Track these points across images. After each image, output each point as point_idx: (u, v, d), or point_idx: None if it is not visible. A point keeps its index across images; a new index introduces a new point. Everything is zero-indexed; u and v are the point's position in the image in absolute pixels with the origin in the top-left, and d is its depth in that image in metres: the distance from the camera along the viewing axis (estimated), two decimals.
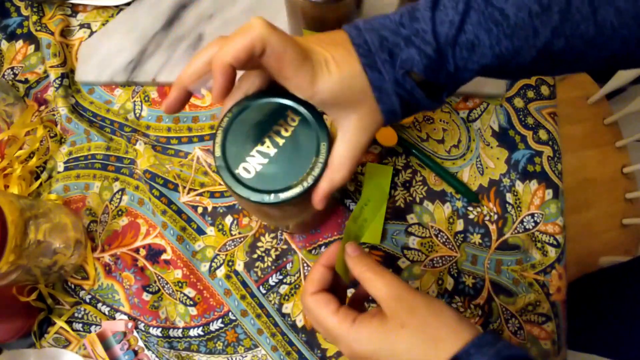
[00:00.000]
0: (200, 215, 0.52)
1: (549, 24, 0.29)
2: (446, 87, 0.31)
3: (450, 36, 0.29)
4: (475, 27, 0.29)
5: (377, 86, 0.30)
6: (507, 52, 0.30)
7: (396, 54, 0.30)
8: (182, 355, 0.51)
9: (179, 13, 0.57)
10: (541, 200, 0.51)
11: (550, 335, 0.49)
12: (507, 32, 0.29)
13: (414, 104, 0.31)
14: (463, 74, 0.31)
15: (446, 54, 0.30)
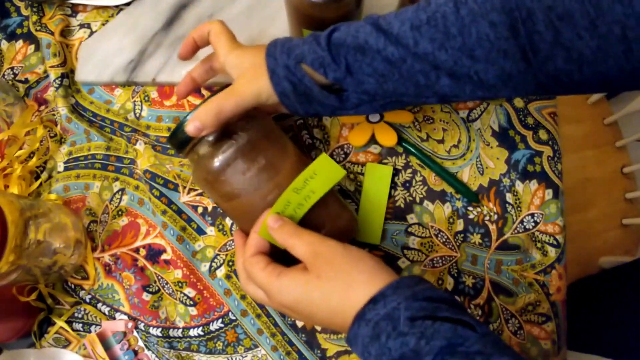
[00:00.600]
0: (200, 215, 0.52)
1: (427, 35, 0.33)
2: (347, 87, 0.36)
3: (342, 39, 0.35)
4: (366, 35, 0.35)
5: (270, 69, 0.37)
6: (393, 58, 0.34)
7: (293, 50, 0.37)
8: (182, 355, 0.51)
9: (179, 13, 0.57)
10: (541, 200, 0.51)
11: (550, 335, 0.49)
12: (392, 39, 0.34)
13: (310, 94, 0.37)
14: (362, 77, 0.35)
15: (337, 52, 0.35)
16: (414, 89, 0.35)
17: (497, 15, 0.30)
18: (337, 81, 0.36)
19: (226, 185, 0.41)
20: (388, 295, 0.31)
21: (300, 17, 0.45)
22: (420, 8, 0.34)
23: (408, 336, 0.29)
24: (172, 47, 0.56)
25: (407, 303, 0.30)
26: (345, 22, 0.38)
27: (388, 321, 0.30)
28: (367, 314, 0.31)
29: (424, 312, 0.30)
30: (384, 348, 0.30)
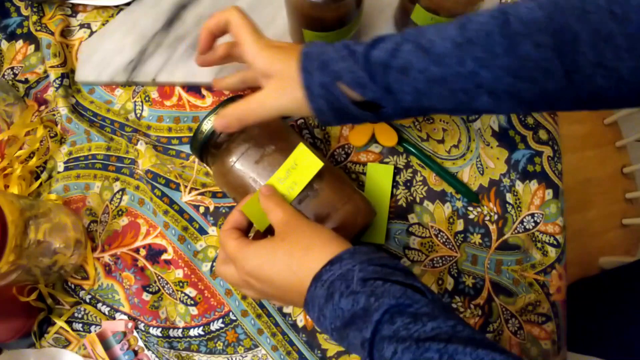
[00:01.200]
0: (202, 215, 0.52)
1: (471, 54, 0.33)
2: (385, 104, 0.36)
3: (383, 59, 0.35)
4: (407, 53, 0.34)
5: (306, 85, 0.36)
6: (435, 77, 0.34)
7: (329, 65, 0.36)
8: (182, 355, 0.51)
9: (179, 13, 0.57)
10: (541, 200, 0.51)
11: (550, 335, 0.49)
12: (435, 58, 0.33)
13: (345, 111, 0.37)
14: (401, 96, 0.35)
15: (375, 73, 0.35)
16: (451, 105, 0.36)
17: (543, 36, 0.31)
18: (375, 101, 0.36)
19: (241, 176, 0.43)
20: (344, 259, 0.33)
21: (300, 17, 0.45)
22: (463, 26, 0.34)
23: (359, 294, 0.31)
24: (172, 47, 0.56)
25: (361, 266, 0.32)
26: (381, 35, 0.36)
27: (342, 281, 0.32)
28: (324, 275, 0.33)
29: (377, 275, 0.32)
30: (337, 309, 0.32)
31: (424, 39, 0.34)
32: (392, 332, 0.29)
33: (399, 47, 0.35)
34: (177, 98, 0.56)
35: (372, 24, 0.55)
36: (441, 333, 0.28)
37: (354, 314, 0.31)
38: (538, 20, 0.31)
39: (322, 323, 0.33)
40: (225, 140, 0.44)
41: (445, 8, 0.44)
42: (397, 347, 0.28)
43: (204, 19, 0.56)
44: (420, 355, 0.28)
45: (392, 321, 0.29)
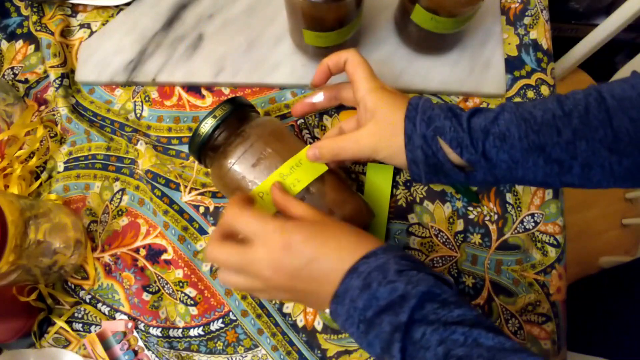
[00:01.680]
0: (202, 215, 0.52)
1: (570, 125, 0.35)
2: (477, 168, 0.37)
3: (483, 125, 0.37)
4: (507, 122, 0.36)
5: (408, 134, 0.38)
6: (533, 146, 0.35)
7: (434, 120, 0.38)
8: (182, 355, 0.51)
9: (179, 13, 0.57)
10: (541, 200, 0.51)
11: (550, 335, 0.49)
12: (535, 128, 0.35)
13: (440, 168, 0.38)
14: (497, 163, 0.37)
15: (476, 136, 0.37)
16: (542, 177, 0.37)
17: (637, 112, 0.34)
18: (470, 163, 0.37)
19: (238, 179, 0.43)
20: (379, 254, 0.34)
21: (300, 17, 0.45)
22: (560, 101, 0.36)
23: (397, 282, 0.32)
24: (172, 47, 0.56)
25: (395, 259, 0.34)
26: (479, 107, 0.39)
27: (379, 271, 0.33)
28: (360, 267, 0.34)
29: (410, 267, 0.34)
30: (372, 299, 0.32)
31: (523, 110, 0.37)
32: (421, 316, 0.31)
33: (499, 116, 0.37)
34: (177, 98, 0.56)
35: (372, 24, 0.55)
36: (466, 319, 0.30)
37: (391, 301, 0.32)
38: (632, 98, 0.34)
39: (350, 316, 0.34)
40: (222, 143, 0.44)
41: (445, 8, 0.44)
42: (426, 330, 0.30)
43: (204, 19, 0.57)
44: (447, 336, 0.30)
45: (422, 307, 0.31)
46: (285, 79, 0.54)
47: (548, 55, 0.54)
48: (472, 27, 0.54)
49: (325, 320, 0.50)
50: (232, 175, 0.43)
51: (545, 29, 0.55)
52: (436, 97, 0.53)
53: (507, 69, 0.53)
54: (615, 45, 1.02)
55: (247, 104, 0.47)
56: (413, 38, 0.52)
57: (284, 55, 0.55)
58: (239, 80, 0.55)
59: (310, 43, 0.49)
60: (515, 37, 0.55)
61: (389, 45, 0.54)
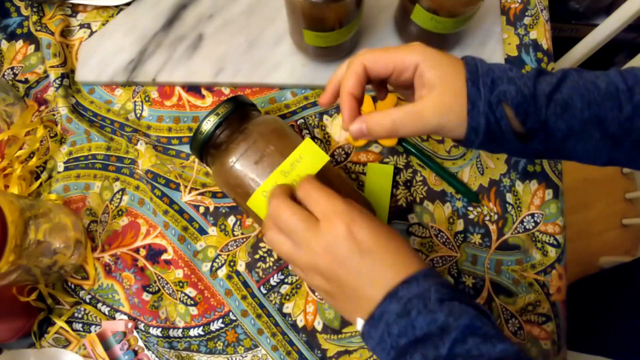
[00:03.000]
0: (202, 215, 0.52)
1: (631, 101, 0.33)
2: (535, 136, 0.35)
3: (547, 91, 0.34)
4: (570, 90, 0.34)
5: (472, 100, 0.34)
6: (594, 118, 0.34)
7: (497, 84, 0.34)
8: (182, 355, 0.51)
9: (179, 13, 0.57)
10: (541, 200, 0.51)
11: (550, 335, 0.49)
12: (598, 99, 0.33)
13: (499, 136, 0.35)
14: (553, 131, 0.34)
15: (540, 103, 0.34)
16: (592, 151, 0.35)
17: None
18: (531, 131, 0.35)
19: (240, 177, 0.43)
20: (420, 279, 0.32)
21: (300, 17, 0.45)
22: (624, 74, 0.34)
23: (437, 313, 0.31)
24: (172, 47, 0.56)
25: (436, 287, 0.32)
26: (540, 68, 0.36)
27: (419, 299, 0.31)
28: (400, 292, 0.32)
29: (450, 296, 0.32)
30: (409, 326, 0.31)
31: (587, 80, 0.34)
32: (464, 350, 0.30)
33: (562, 82, 0.34)
34: (177, 98, 0.56)
35: (372, 24, 0.55)
36: (508, 355, 0.29)
37: (430, 332, 0.31)
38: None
39: (382, 341, 0.32)
40: (224, 141, 0.44)
41: (445, 8, 0.44)
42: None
43: (204, 19, 0.57)
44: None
45: (464, 341, 0.30)
46: (285, 79, 0.54)
47: (548, 55, 0.54)
48: (472, 27, 0.54)
49: (325, 321, 0.50)
50: (234, 173, 0.43)
51: (545, 29, 0.55)
52: None
53: None
54: (615, 45, 1.02)
55: (248, 103, 0.47)
56: (413, 38, 0.52)
57: (284, 55, 0.55)
58: (239, 80, 0.55)
59: (310, 43, 0.49)
60: (515, 37, 0.55)
61: (389, 45, 0.54)
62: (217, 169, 0.45)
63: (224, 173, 0.44)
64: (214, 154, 0.45)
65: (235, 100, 0.45)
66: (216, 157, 0.45)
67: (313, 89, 0.55)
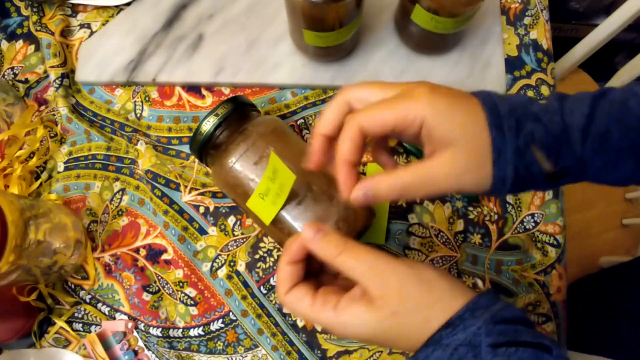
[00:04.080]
0: (202, 215, 0.52)
1: None
2: (568, 173, 0.30)
3: (581, 124, 0.29)
4: (605, 120, 0.29)
5: (497, 147, 0.29)
6: (632, 146, 0.30)
7: (522, 123, 0.29)
8: (182, 355, 0.51)
9: (179, 13, 0.57)
10: (541, 200, 0.51)
11: (550, 336, 0.49)
12: (634, 125, 0.29)
13: (528, 181, 0.30)
14: (589, 166, 0.30)
15: (574, 139, 0.29)
16: (622, 178, 0.32)
17: None
18: (564, 170, 0.30)
19: (240, 177, 0.43)
20: (466, 319, 0.28)
21: (300, 17, 0.45)
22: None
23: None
24: (172, 47, 0.56)
25: (487, 327, 0.27)
26: (561, 93, 0.31)
27: (468, 347, 0.27)
28: (444, 339, 0.28)
29: (505, 338, 0.27)
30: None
31: (621, 106, 0.30)
32: None
33: (594, 111, 0.30)
34: (177, 98, 0.56)
35: (372, 24, 0.55)
36: None
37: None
38: None
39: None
40: (224, 142, 0.44)
41: (445, 8, 0.44)
42: None
43: (204, 19, 0.57)
44: None
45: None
46: (285, 79, 0.54)
47: (548, 55, 0.54)
48: (472, 27, 0.54)
49: None
50: (233, 173, 0.43)
51: (545, 29, 0.55)
52: None
53: (507, 69, 0.53)
54: (615, 45, 1.02)
55: (248, 103, 0.47)
56: (413, 38, 0.52)
57: (284, 55, 0.55)
58: (239, 80, 0.55)
59: (310, 43, 0.49)
60: (516, 37, 0.55)
61: (389, 45, 0.54)
62: (217, 169, 0.45)
63: (224, 173, 0.44)
64: (214, 154, 0.45)
65: (234, 100, 0.45)
66: (216, 157, 0.45)
67: (313, 89, 0.55)
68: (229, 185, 0.44)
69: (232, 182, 0.44)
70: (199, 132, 0.44)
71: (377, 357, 0.49)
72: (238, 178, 0.43)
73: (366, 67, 0.53)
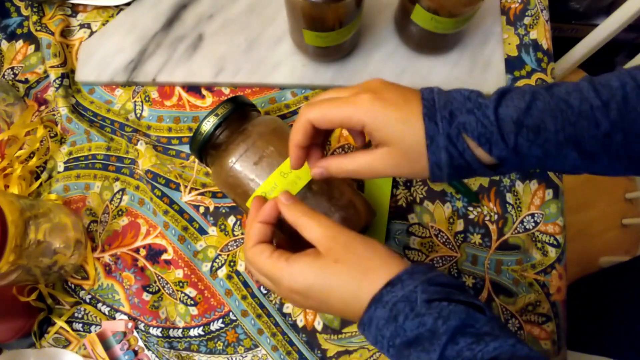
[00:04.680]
0: (202, 215, 0.52)
1: (608, 117, 0.32)
2: (506, 163, 0.34)
3: (515, 117, 0.32)
4: (541, 112, 0.32)
5: (430, 135, 0.33)
6: (570, 138, 0.32)
7: (456, 115, 0.33)
8: (182, 355, 0.51)
9: (179, 13, 0.57)
10: (541, 200, 0.51)
11: (550, 336, 0.49)
12: (572, 119, 0.32)
13: (465, 167, 0.34)
14: (527, 158, 0.33)
15: (507, 130, 0.32)
16: (570, 167, 0.34)
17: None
18: (499, 159, 0.34)
19: (240, 177, 0.43)
20: (404, 280, 0.32)
21: (300, 17, 0.45)
22: (596, 87, 0.33)
23: (425, 316, 0.30)
24: (172, 47, 0.56)
25: (423, 287, 0.31)
26: (503, 88, 0.34)
27: (405, 302, 0.31)
28: (385, 297, 0.31)
29: (439, 295, 0.31)
30: (400, 329, 0.31)
31: (558, 99, 0.33)
32: (455, 352, 0.29)
33: (531, 105, 0.33)
34: (177, 98, 0.56)
35: (372, 24, 0.55)
36: (502, 353, 0.28)
37: (420, 334, 0.30)
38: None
39: (378, 342, 0.32)
40: (224, 142, 0.44)
41: (445, 8, 0.44)
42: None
43: (204, 19, 0.57)
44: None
45: (455, 341, 0.29)
46: (285, 79, 0.54)
47: (548, 55, 0.54)
48: (472, 27, 0.54)
49: (326, 320, 0.50)
50: (233, 173, 0.43)
51: (545, 29, 0.55)
52: None
53: (507, 69, 0.53)
54: (615, 45, 1.02)
55: (248, 103, 0.47)
56: (413, 38, 0.52)
57: (284, 55, 0.55)
58: (239, 80, 0.55)
59: (310, 43, 0.49)
60: (516, 37, 0.55)
61: (389, 45, 0.54)
62: (217, 169, 0.45)
63: (224, 173, 0.44)
64: (214, 154, 0.45)
65: (234, 100, 0.45)
66: (216, 157, 0.45)
67: (313, 89, 0.55)
68: (229, 185, 0.44)
69: (232, 182, 0.44)
70: (199, 132, 0.44)
71: (377, 357, 0.49)
72: (238, 178, 0.43)
73: (366, 67, 0.53)
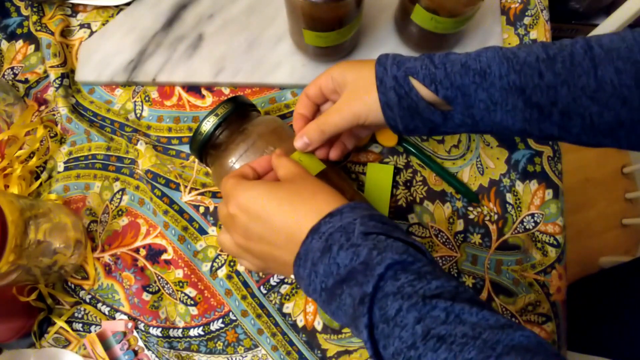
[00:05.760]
0: (202, 215, 0.52)
1: (552, 69, 0.33)
2: (455, 105, 0.36)
3: (464, 61, 0.36)
4: (489, 59, 0.35)
5: (379, 78, 0.37)
6: (514, 86, 0.34)
7: (404, 63, 0.37)
8: (182, 355, 0.51)
9: (179, 13, 0.57)
10: (541, 200, 0.51)
11: (550, 336, 0.49)
12: (516, 67, 0.34)
13: (414, 109, 0.37)
14: (474, 102, 0.35)
15: (453, 69, 0.35)
16: (521, 123, 0.35)
17: (624, 64, 0.32)
18: (447, 99, 0.36)
19: None
20: (345, 212, 0.32)
21: (300, 17, 0.45)
22: (548, 45, 0.35)
23: (360, 247, 0.30)
24: (172, 47, 0.56)
25: (362, 220, 0.31)
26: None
27: (342, 232, 0.31)
28: (322, 227, 0.31)
29: (378, 230, 0.31)
30: (333, 264, 0.30)
31: (507, 50, 0.35)
32: (396, 288, 0.28)
33: (481, 53, 0.36)
34: (177, 98, 0.56)
35: (372, 24, 0.55)
36: (445, 292, 0.27)
37: (353, 269, 0.29)
38: (620, 50, 0.32)
39: (312, 282, 0.31)
40: (224, 142, 0.44)
41: (445, 8, 0.44)
42: (402, 305, 0.27)
43: (204, 19, 0.57)
44: (427, 313, 0.26)
45: (396, 277, 0.28)
46: (285, 79, 0.54)
47: None
48: (472, 27, 0.54)
49: (325, 320, 0.50)
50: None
51: (545, 29, 0.55)
52: None
53: None
54: None
55: (248, 103, 0.47)
56: (413, 38, 0.52)
57: (284, 55, 0.55)
58: (239, 80, 0.55)
59: (310, 43, 0.49)
60: (516, 37, 0.55)
61: (389, 45, 0.54)
62: (217, 169, 0.45)
63: (224, 174, 0.44)
64: (214, 154, 0.45)
65: (234, 100, 0.45)
66: (216, 157, 0.45)
67: None
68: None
69: None
70: (198, 132, 0.44)
71: None
72: None
73: None
